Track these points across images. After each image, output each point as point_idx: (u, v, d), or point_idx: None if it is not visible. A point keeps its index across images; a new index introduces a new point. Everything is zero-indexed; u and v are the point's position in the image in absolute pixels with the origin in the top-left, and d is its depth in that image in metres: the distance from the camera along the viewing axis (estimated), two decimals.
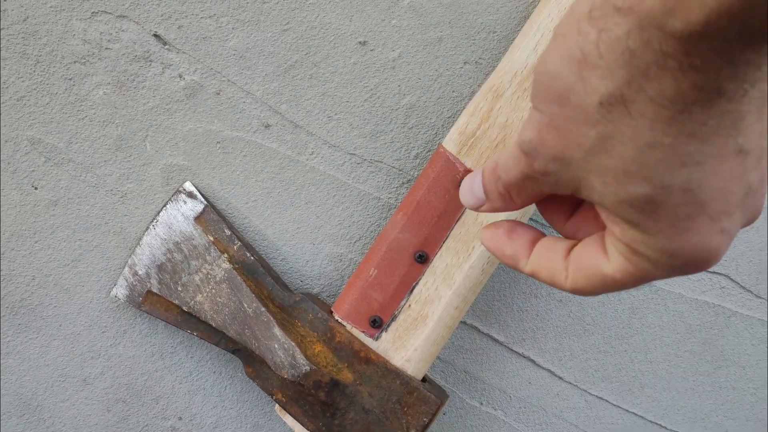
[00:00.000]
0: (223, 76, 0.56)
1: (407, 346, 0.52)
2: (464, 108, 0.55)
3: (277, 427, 0.62)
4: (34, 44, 0.54)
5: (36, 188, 0.57)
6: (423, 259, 0.52)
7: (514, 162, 0.34)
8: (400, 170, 0.58)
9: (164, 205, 0.56)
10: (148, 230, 0.55)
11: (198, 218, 0.55)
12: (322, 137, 0.57)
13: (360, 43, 0.56)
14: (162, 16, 0.55)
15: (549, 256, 0.36)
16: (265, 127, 0.57)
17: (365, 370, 0.52)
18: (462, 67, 0.56)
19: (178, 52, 0.55)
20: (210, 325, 0.54)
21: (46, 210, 0.57)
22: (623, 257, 0.32)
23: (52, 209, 0.57)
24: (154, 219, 0.55)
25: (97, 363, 0.60)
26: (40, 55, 0.55)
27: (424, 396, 0.51)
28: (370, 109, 0.57)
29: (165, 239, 0.55)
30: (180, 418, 0.61)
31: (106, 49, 0.55)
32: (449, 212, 0.52)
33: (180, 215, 0.55)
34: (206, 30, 0.55)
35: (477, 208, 0.39)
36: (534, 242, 0.38)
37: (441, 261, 0.52)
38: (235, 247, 0.55)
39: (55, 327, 0.59)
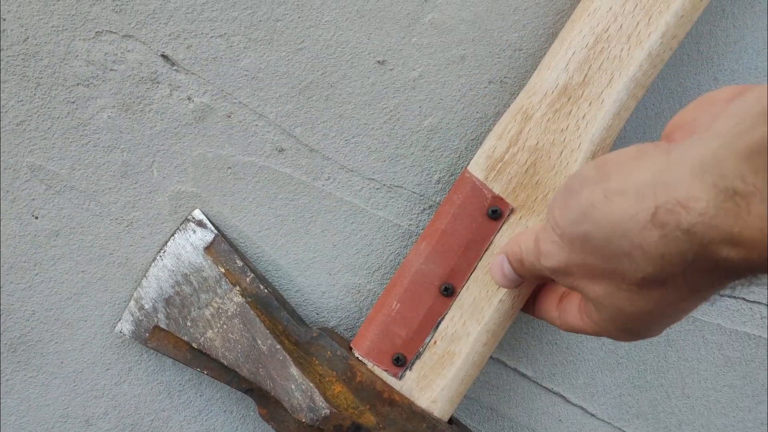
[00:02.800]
0: (235, 98, 0.53)
1: (433, 386, 0.49)
2: (490, 130, 0.52)
3: None
4: (34, 66, 0.52)
5: (36, 218, 0.54)
6: (449, 292, 0.49)
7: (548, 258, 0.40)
8: (421, 196, 0.55)
9: (172, 235, 0.52)
10: (155, 261, 0.52)
11: (208, 248, 0.52)
12: (338, 161, 0.54)
13: (379, 62, 0.53)
14: (170, 35, 0.52)
15: (547, 307, 0.46)
16: (279, 151, 0.54)
17: (389, 413, 0.48)
18: (486, 87, 0.53)
19: (186, 73, 0.52)
20: (221, 363, 0.51)
21: (47, 241, 0.54)
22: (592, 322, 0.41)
23: (53, 240, 0.54)
24: (161, 249, 0.52)
25: (100, 402, 0.56)
26: (41, 78, 0.52)
27: None
28: (389, 131, 0.54)
29: (173, 271, 0.52)
30: None
31: (111, 70, 0.52)
32: (477, 242, 0.48)
33: (189, 245, 0.52)
34: (217, 50, 0.52)
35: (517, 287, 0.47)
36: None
37: (468, 294, 0.49)
38: (247, 279, 0.52)
39: (56, 365, 0.56)
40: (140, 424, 0.56)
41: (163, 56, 0.52)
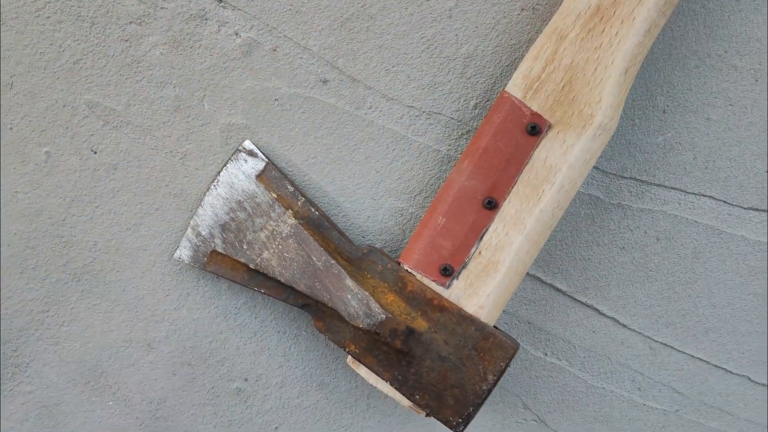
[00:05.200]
0: (279, 32, 0.55)
1: (479, 293, 0.52)
2: (526, 53, 0.54)
3: (342, 384, 0.62)
4: (89, 6, 0.54)
5: (95, 152, 0.57)
6: (492, 205, 0.52)
7: None
8: (459, 121, 0.57)
9: (225, 165, 0.55)
10: (210, 190, 0.55)
11: (259, 176, 0.55)
12: (380, 90, 0.57)
13: None
14: None
15: None
16: (323, 82, 0.56)
17: (439, 318, 0.51)
18: (519, 14, 0.56)
19: (233, 9, 0.55)
20: (278, 282, 0.54)
21: (106, 174, 0.57)
22: None
23: (112, 173, 0.57)
24: (215, 179, 0.55)
25: (161, 327, 0.60)
26: (96, 17, 0.54)
27: (500, 341, 0.51)
28: (427, 60, 0.56)
29: (227, 198, 0.55)
30: (246, 379, 0.61)
31: (162, 8, 0.54)
32: (517, 157, 0.51)
33: (241, 174, 0.55)
34: None
35: None
36: None
37: (510, 206, 0.52)
38: (299, 202, 0.55)
39: (118, 292, 0.59)
40: (199, 346, 0.60)
41: None
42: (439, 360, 0.52)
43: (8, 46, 0.54)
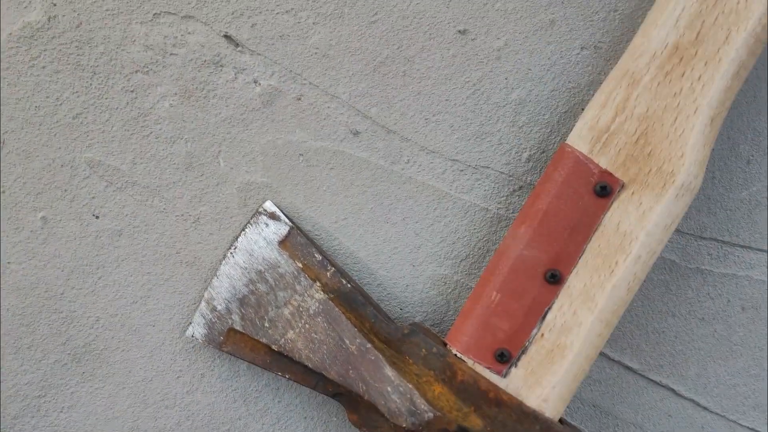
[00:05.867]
0: (304, 79, 0.49)
1: (543, 383, 0.44)
2: (586, 100, 0.47)
3: None
4: (89, 53, 0.48)
5: (97, 217, 0.50)
6: (556, 279, 0.44)
7: None
8: (510, 176, 0.50)
9: (243, 229, 0.48)
10: (226, 258, 0.48)
11: (283, 242, 0.48)
12: (418, 142, 0.49)
13: (459, 31, 0.48)
14: (233, 14, 0.48)
15: None
16: (354, 134, 0.49)
17: (497, 414, 0.44)
18: (579, 53, 0.48)
19: (252, 54, 0.48)
20: (306, 366, 0.47)
21: (110, 241, 0.50)
22: None
23: (116, 240, 0.50)
24: (232, 245, 0.48)
25: (172, 413, 0.52)
26: (97, 66, 0.48)
27: None
28: (473, 107, 0.49)
29: (246, 268, 0.48)
30: None
31: (171, 54, 0.48)
32: (584, 222, 0.44)
33: (262, 240, 0.48)
34: (283, 27, 0.48)
35: None
36: None
37: (578, 280, 0.44)
38: (328, 273, 0.47)
39: (123, 374, 0.52)
40: None
41: (226, 36, 0.48)
42: None
43: (1, 101, 0.48)
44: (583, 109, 0.48)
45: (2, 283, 0.50)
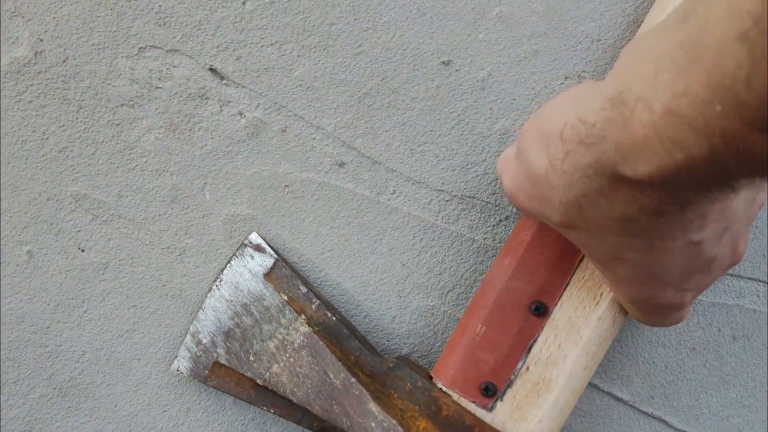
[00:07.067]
0: (289, 111, 0.49)
1: (529, 417, 0.43)
2: None
3: None
4: (75, 87, 0.48)
5: (83, 250, 0.50)
6: (540, 311, 0.44)
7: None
8: (496, 206, 0.50)
9: (228, 262, 0.48)
10: (212, 291, 0.48)
11: (268, 274, 0.48)
12: (404, 173, 0.49)
13: (443, 63, 0.48)
14: (218, 47, 0.48)
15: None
16: (339, 165, 0.49)
17: None
18: (563, 83, 0.49)
19: (237, 87, 0.48)
20: (290, 401, 0.46)
21: (95, 274, 0.50)
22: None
23: (101, 273, 0.50)
24: (217, 278, 0.48)
25: None
26: (83, 100, 0.48)
27: None
28: (458, 137, 0.49)
29: (231, 301, 0.48)
30: None
31: (157, 88, 0.48)
32: (568, 253, 0.43)
33: (247, 272, 0.48)
34: (268, 60, 0.48)
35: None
36: None
37: (562, 313, 0.44)
38: (313, 306, 0.47)
39: (109, 408, 0.51)
40: None
41: (212, 70, 0.48)
42: None
43: None
44: None
45: None
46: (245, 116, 0.49)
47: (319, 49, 0.48)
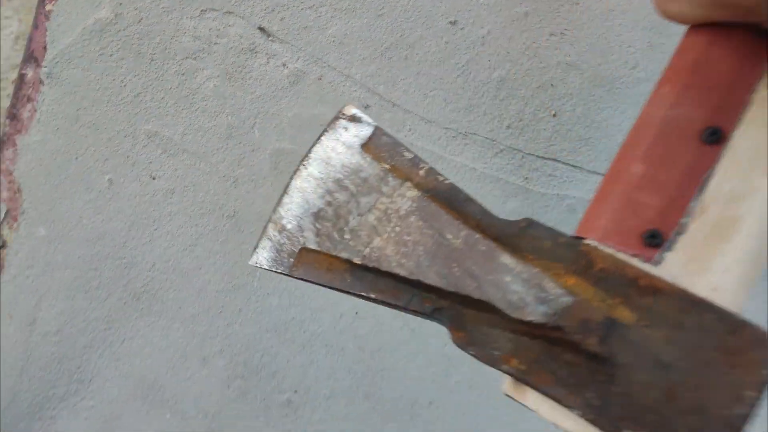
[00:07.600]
0: (324, 63, 0.59)
1: (711, 267, 0.33)
2: (555, 77, 0.57)
3: (386, 395, 0.64)
4: (148, 43, 0.59)
5: (154, 178, 0.61)
6: (716, 137, 0.35)
7: None
8: (493, 141, 0.61)
9: (318, 139, 0.41)
10: (297, 172, 0.40)
11: (365, 145, 0.40)
12: (418, 114, 0.60)
13: (450, 22, 0.59)
14: (265, 9, 0.58)
15: None
16: (365, 107, 0.60)
17: (653, 306, 0.33)
18: (548, 39, 0.59)
19: (281, 43, 0.59)
20: (396, 277, 0.38)
21: (164, 198, 0.61)
22: None
23: (169, 197, 0.61)
24: (305, 158, 0.40)
25: (215, 342, 0.63)
26: (155, 53, 0.59)
27: (757, 335, 0.31)
28: (462, 84, 0.60)
29: (322, 178, 0.40)
30: (295, 391, 0.64)
31: (215, 44, 0.59)
32: (748, 67, 0.35)
33: (341, 145, 0.40)
34: (307, 20, 0.59)
35: None
36: None
37: (744, 138, 0.35)
38: (421, 171, 0.39)
39: (175, 310, 0.62)
40: (251, 360, 0.63)
41: (260, 29, 0.59)
42: (659, 369, 0.32)
43: (76, 83, 0.59)
44: (552, 85, 0.58)
45: (75, 235, 0.61)
46: (288, 67, 0.59)
47: (349, 11, 0.59)
